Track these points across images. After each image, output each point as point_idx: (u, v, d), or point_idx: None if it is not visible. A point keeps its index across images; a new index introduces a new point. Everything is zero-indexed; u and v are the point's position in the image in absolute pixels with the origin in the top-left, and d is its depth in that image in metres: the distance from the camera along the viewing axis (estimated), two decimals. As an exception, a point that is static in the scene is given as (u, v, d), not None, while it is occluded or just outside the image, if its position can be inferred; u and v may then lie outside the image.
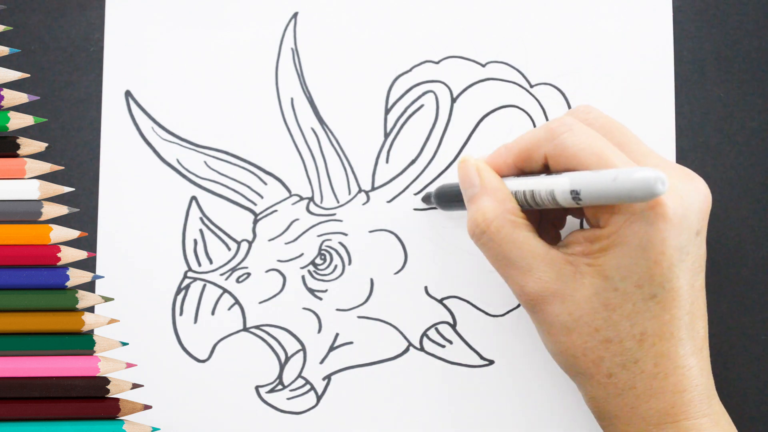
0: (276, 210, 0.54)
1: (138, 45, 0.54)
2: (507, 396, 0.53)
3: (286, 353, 0.53)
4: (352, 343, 0.54)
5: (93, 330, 0.50)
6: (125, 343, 0.50)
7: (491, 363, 0.53)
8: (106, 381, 0.49)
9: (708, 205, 0.46)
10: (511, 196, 0.46)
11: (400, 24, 0.55)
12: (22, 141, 0.50)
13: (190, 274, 0.54)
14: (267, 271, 0.54)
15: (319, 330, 0.54)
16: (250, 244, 0.54)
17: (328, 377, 0.53)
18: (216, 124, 0.54)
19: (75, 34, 0.54)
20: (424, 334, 0.54)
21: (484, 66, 0.55)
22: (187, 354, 0.53)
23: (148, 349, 0.53)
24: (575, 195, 0.43)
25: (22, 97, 0.50)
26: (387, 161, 0.54)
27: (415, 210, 0.54)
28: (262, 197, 0.54)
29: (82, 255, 0.50)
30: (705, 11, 0.55)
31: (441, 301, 0.54)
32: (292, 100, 0.54)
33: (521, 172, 0.47)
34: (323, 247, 0.54)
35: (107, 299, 0.50)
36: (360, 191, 0.54)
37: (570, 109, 0.51)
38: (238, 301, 0.54)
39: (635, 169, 0.41)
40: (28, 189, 0.50)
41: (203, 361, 0.53)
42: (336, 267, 0.54)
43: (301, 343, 0.54)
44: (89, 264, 0.53)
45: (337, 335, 0.54)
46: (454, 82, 0.54)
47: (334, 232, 0.54)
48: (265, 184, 0.54)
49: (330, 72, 0.54)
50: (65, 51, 0.54)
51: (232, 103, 0.54)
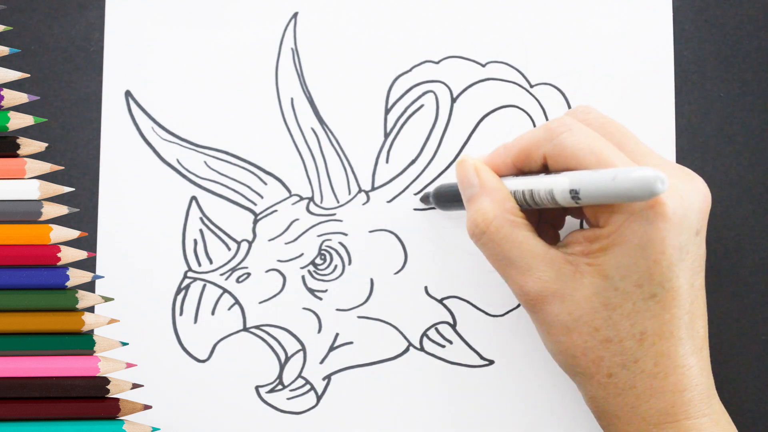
0: (276, 210, 0.54)
1: (138, 45, 0.54)
2: (507, 396, 0.53)
3: (286, 353, 0.53)
4: (352, 343, 0.53)
5: (93, 330, 0.50)
6: (125, 343, 0.50)
7: (491, 363, 0.53)
8: (106, 381, 0.49)
9: (708, 205, 0.46)
10: (510, 195, 0.46)
11: (400, 24, 0.55)
12: (22, 141, 0.50)
13: (190, 274, 0.54)
14: (267, 271, 0.54)
15: (319, 330, 0.54)
16: (250, 244, 0.54)
17: (328, 377, 0.53)
18: (216, 124, 0.54)
19: (75, 34, 0.54)
20: (424, 334, 0.54)
21: (484, 66, 0.55)
22: (187, 354, 0.53)
23: (148, 349, 0.53)
24: (574, 194, 0.43)
25: (22, 97, 0.51)
26: (387, 161, 0.54)
27: (415, 210, 0.54)
28: (262, 197, 0.54)
29: (82, 255, 0.50)
30: (705, 11, 0.54)
31: (441, 301, 0.54)
32: (292, 100, 0.54)
33: (520, 172, 0.47)
34: (323, 247, 0.54)
35: (107, 299, 0.50)
36: (360, 191, 0.54)
37: (569, 110, 0.51)
38: (238, 301, 0.54)
39: (634, 169, 0.41)
40: (28, 189, 0.50)
41: (203, 361, 0.53)
42: (336, 267, 0.54)
43: (301, 343, 0.53)
44: (89, 264, 0.53)
45: (337, 335, 0.54)
46: (454, 82, 0.54)
47: (334, 232, 0.54)
48: (265, 184, 0.54)
49: (330, 72, 0.54)
50: (65, 51, 0.54)
51: (232, 103, 0.54)
